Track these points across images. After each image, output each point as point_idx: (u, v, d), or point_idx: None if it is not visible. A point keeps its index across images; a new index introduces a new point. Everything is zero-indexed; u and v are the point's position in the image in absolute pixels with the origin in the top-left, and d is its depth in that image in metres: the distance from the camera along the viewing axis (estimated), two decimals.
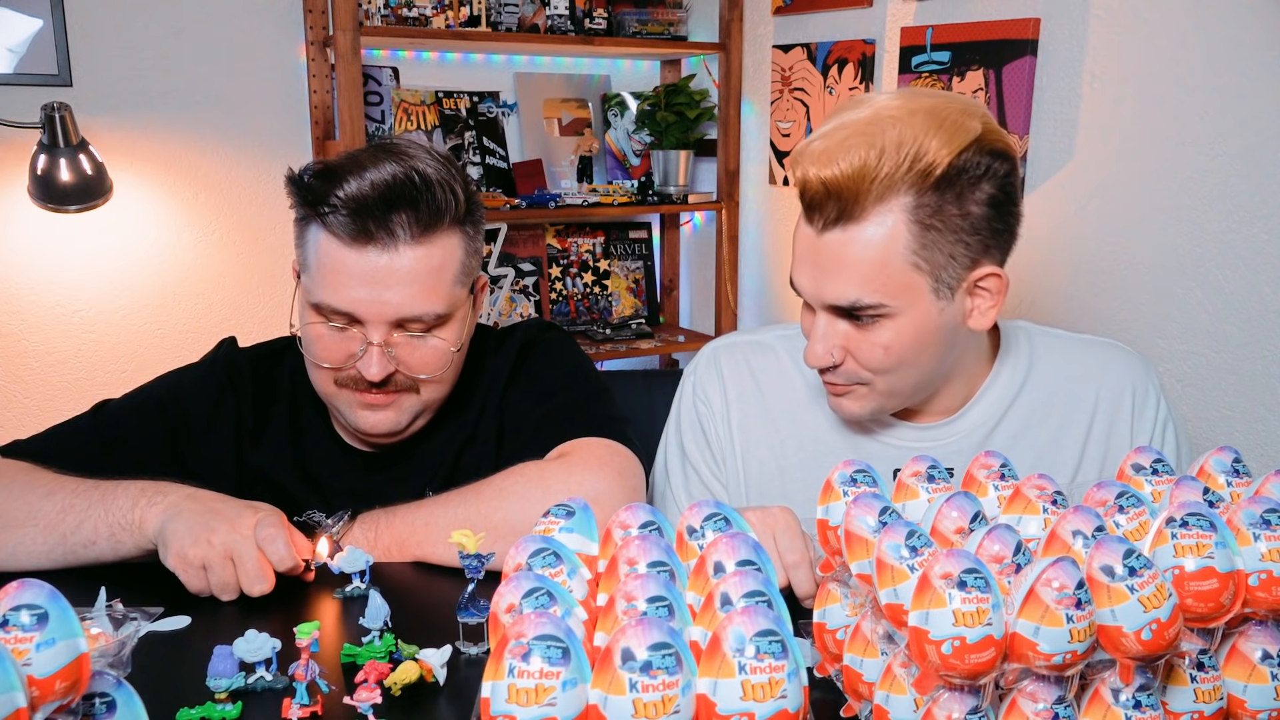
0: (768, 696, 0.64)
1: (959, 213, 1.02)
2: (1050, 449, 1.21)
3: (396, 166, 1.11)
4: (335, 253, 1.11)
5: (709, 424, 1.27)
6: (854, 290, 1.05)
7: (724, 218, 2.82)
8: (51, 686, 0.60)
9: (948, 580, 0.67)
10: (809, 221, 1.07)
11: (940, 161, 1.00)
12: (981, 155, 1.02)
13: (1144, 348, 1.82)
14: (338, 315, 1.14)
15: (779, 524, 1.02)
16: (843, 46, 2.42)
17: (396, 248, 1.11)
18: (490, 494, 1.12)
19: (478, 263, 1.22)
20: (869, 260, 1.03)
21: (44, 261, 2.33)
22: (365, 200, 1.09)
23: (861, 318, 1.06)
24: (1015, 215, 1.08)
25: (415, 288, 1.12)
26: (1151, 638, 0.68)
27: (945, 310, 1.07)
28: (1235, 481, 0.87)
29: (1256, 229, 1.64)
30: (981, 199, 1.03)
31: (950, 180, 1.01)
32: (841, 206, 1.02)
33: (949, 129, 1.01)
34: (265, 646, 0.85)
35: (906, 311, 1.05)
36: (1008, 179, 1.05)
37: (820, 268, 1.07)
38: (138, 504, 1.05)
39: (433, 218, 1.12)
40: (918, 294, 1.05)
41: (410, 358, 1.16)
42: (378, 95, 2.64)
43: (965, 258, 1.05)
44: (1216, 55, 1.67)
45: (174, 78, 2.41)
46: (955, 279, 1.06)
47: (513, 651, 0.63)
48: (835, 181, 1.01)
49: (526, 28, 2.67)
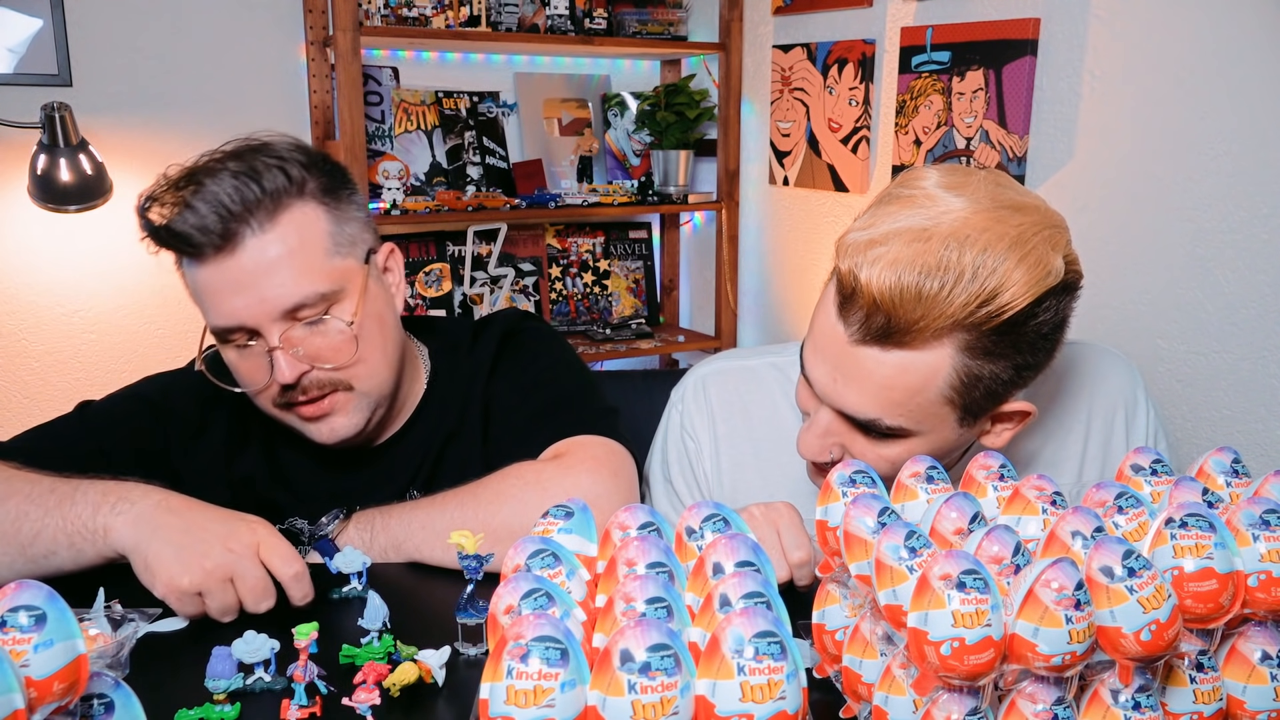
0: (767, 698, 0.64)
1: (1014, 352, 0.93)
2: (1051, 468, 1.19)
3: (220, 171, 1.09)
4: (198, 274, 1.10)
5: (696, 461, 1.24)
6: (875, 410, 0.97)
7: (724, 218, 2.82)
8: (50, 688, 0.60)
9: (947, 581, 0.66)
10: (842, 319, 0.95)
11: (1017, 304, 0.88)
12: (1059, 298, 0.91)
13: (1144, 348, 1.82)
14: (235, 334, 1.11)
15: (783, 519, 1.02)
16: (843, 46, 2.42)
17: (246, 244, 1.08)
18: (487, 497, 1.11)
19: (360, 229, 1.18)
20: (902, 388, 0.94)
21: (44, 261, 2.33)
22: (197, 214, 1.06)
23: (873, 431, 0.99)
24: (1059, 344, 0.98)
25: (283, 273, 1.09)
26: (1151, 639, 0.68)
27: (965, 434, 1.02)
28: (1234, 482, 0.87)
29: (1257, 229, 1.64)
30: (1039, 329, 0.93)
31: (1018, 324, 0.90)
32: (890, 328, 0.91)
33: (1031, 265, 0.88)
34: (264, 647, 0.85)
35: (926, 435, 0.99)
36: (1068, 308, 0.95)
37: (843, 374, 0.97)
38: (99, 510, 0.99)
39: (272, 201, 1.09)
40: (943, 423, 0.99)
41: (316, 349, 1.12)
42: (378, 95, 2.64)
43: (1002, 392, 0.98)
44: (1217, 55, 1.67)
45: (174, 78, 2.41)
46: (983, 410, 0.99)
47: (511, 653, 0.63)
48: (891, 302, 0.89)
49: (526, 28, 2.67)
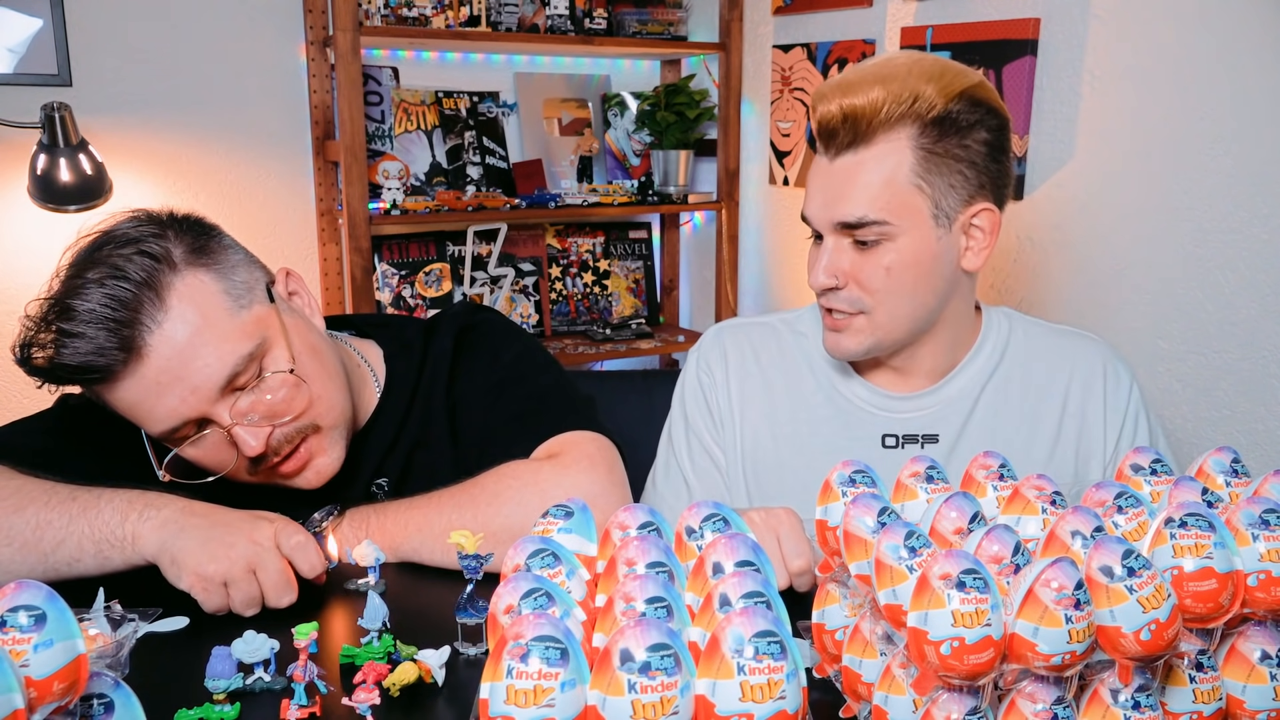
0: (766, 697, 0.64)
1: (958, 145, 1.15)
2: (1028, 424, 1.27)
3: (82, 287, 1.02)
4: (118, 394, 1.04)
5: (710, 392, 1.35)
6: (862, 207, 1.15)
7: (724, 218, 2.82)
8: (49, 688, 0.60)
9: (946, 581, 0.66)
10: (824, 152, 1.19)
11: (937, 102, 1.14)
12: (975, 106, 1.15)
13: (1144, 348, 1.82)
14: (183, 430, 1.07)
15: (783, 526, 1.02)
16: (843, 46, 2.42)
17: (150, 344, 1.02)
18: (485, 498, 1.10)
19: (248, 272, 1.13)
20: (877, 179, 1.15)
21: (44, 262, 2.30)
22: (86, 339, 1.00)
23: (865, 239, 1.17)
24: (1008, 163, 1.20)
25: (201, 353, 1.04)
26: (1150, 638, 0.68)
27: (942, 240, 1.17)
28: (1234, 482, 0.87)
29: (1256, 229, 1.64)
30: (978, 140, 1.16)
31: (948, 120, 1.14)
32: (855, 132, 1.15)
33: (947, 78, 1.15)
34: (263, 647, 0.85)
35: (908, 233, 1.16)
36: (1000, 132, 1.18)
37: (832, 190, 1.17)
38: (128, 518, 0.99)
39: (151, 289, 1.02)
40: (919, 217, 1.16)
41: (270, 408, 1.09)
42: (378, 95, 2.64)
43: (963, 189, 1.16)
44: (1217, 55, 1.67)
45: (174, 78, 2.41)
46: (953, 208, 1.17)
47: (511, 652, 0.63)
48: (851, 109, 1.15)
49: (526, 28, 2.67)
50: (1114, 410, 1.28)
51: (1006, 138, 1.20)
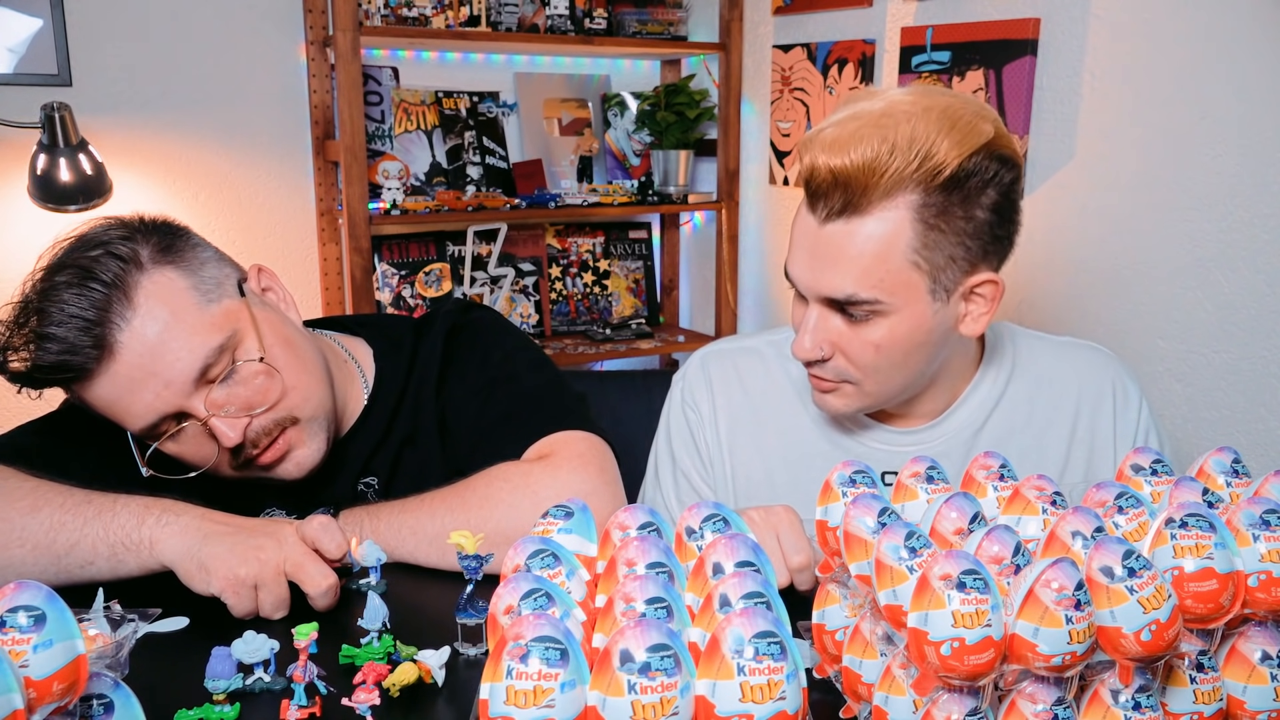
0: (766, 698, 0.64)
1: (963, 215, 1.03)
2: (1035, 451, 1.21)
3: (53, 289, 1.03)
4: (94, 392, 1.05)
5: (698, 430, 1.27)
6: (851, 284, 1.04)
7: (724, 218, 2.82)
8: (49, 688, 0.60)
9: (947, 581, 0.66)
10: (811, 210, 1.06)
11: (950, 162, 1.00)
12: (990, 160, 1.02)
13: (1144, 348, 1.82)
14: (162, 426, 1.08)
15: (782, 524, 1.02)
16: (843, 46, 2.42)
17: (121, 341, 1.03)
18: (476, 501, 1.10)
19: (217, 268, 1.13)
20: (870, 254, 1.03)
21: None
22: (59, 340, 1.02)
23: (855, 314, 1.06)
24: (1016, 223, 1.09)
25: (171, 347, 1.05)
26: (1151, 639, 0.68)
27: (939, 313, 1.07)
28: (1234, 482, 0.87)
29: (1256, 229, 1.64)
30: (987, 204, 1.03)
31: (958, 182, 1.01)
32: (848, 198, 1.02)
33: (961, 130, 1.01)
34: (263, 648, 0.85)
35: (901, 310, 1.05)
36: (1013, 186, 1.06)
37: (819, 258, 1.06)
38: (144, 522, 0.99)
39: (119, 289, 1.04)
40: (914, 294, 1.05)
41: (244, 399, 1.09)
42: (378, 95, 2.64)
43: (965, 261, 1.05)
44: (1217, 55, 1.67)
45: (174, 78, 2.41)
46: (953, 282, 1.06)
47: (511, 653, 0.63)
48: (844, 171, 1.01)
49: (526, 28, 2.67)
50: (1124, 435, 1.21)
51: (1017, 191, 1.07)
